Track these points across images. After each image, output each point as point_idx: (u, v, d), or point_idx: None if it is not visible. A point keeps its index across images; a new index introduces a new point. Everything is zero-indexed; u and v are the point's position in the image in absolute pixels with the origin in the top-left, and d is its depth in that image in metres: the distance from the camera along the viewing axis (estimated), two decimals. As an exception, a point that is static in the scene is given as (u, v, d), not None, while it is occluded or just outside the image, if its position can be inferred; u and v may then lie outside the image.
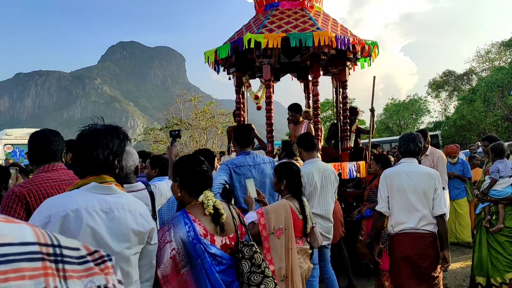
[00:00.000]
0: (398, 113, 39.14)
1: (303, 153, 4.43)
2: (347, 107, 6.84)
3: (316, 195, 4.29)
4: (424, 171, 3.79)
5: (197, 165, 2.28)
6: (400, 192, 3.72)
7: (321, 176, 4.33)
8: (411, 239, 3.66)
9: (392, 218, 3.78)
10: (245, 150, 4.01)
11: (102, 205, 1.72)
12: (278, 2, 6.66)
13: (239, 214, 2.38)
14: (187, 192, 2.28)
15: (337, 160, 6.65)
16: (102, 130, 1.85)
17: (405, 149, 3.83)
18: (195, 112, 31.32)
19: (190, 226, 2.08)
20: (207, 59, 6.75)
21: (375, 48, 6.61)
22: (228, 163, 3.89)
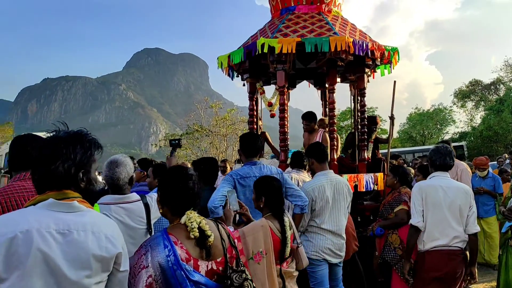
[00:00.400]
0: (422, 123, 38.29)
1: (314, 164, 4.14)
2: (365, 115, 6.52)
3: (328, 210, 4.00)
4: (460, 187, 3.67)
5: (181, 180, 2.00)
6: (436, 207, 3.58)
7: (334, 189, 4.04)
8: (444, 257, 3.54)
9: (424, 233, 3.61)
10: (251, 160, 3.76)
11: (58, 226, 1.49)
12: (294, 6, 6.42)
13: (229, 234, 2.10)
14: (169, 209, 2.02)
15: (353, 171, 6.33)
16: (63, 138, 1.61)
17: (442, 163, 3.69)
18: (215, 119, 31.31)
19: (171, 249, 1.81)
20: (220, 65, 6.55)
21: (395, 54, 6.29)
22: (232, 173, 3.65)
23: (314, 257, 3.98)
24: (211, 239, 1.90)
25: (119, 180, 2.78)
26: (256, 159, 3.80)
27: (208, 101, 34.17)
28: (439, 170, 3.74)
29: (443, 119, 38.60)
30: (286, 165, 6.01)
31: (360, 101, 6.54)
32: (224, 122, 30.66)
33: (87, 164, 1.63)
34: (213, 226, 2.01)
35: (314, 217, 4.01)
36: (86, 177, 1.63)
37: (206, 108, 33.48)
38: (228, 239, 2.06)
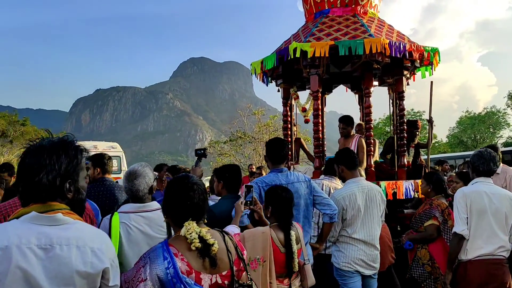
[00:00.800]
0: (473, 127, 36.54)
1: (344, 172, 3.96)
2: (404, 119, 6.25)
3: (359, 219, 3.81)
4: (505, 194, 3.50)
5: (182, 190, 1.91)
6: (480, 214, 3.40)
7: (365, 197, 3.85)
8: (488, 267, 3.38)
9: (468, 242, 3.43)
10: (277, 167, 3.64)
11: (40, 240, 1.42)
12: (328, 9, 6.28)
13: (237, 246, 1.99)
14: (171, 220, 1.94)
15: (392, 177, 6.07)
16: (46, 147, 1.53)
17: (485, 169, 3.51)
18: (258, 126, 31.37)
19: (170, 261, 1.72)
20: (253, 71, 6.51)
21: (435, 55, 5.99)
22: (257, 181, 3.54)
23: (346, 268, 3.81)
24: (215, 247, 1.80)
25: (138, 191, 2.75)
26: (283, 165, 3.68)
27: (251, 108, 34.34)
28: (482, 176, 3.54)
29: (496, 122, 36.62)
30: (320, 172, 5.86)
31: (399, 105, 6.28)
32: (267, 128, 30.66)
33: (73, 173, 1.56)
34: (218, 237, 1.91)
35: (346, 226, 3.83)
36: (73, 187, 1.56)
37: (249, 115, 33.66)
38: (236, 251, 1.96)
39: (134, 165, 3.05)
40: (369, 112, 5.90)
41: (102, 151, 14.38)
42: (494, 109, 37.49)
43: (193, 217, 1.87)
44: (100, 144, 14.85)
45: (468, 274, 3.43)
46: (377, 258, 3.91)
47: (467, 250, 3.45)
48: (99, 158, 4.40)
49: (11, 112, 41.03)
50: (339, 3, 6.21)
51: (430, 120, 6.34)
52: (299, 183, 3.56)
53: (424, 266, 4.12)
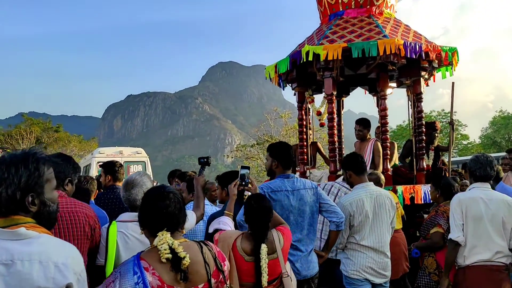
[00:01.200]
0: (507, 127, 35.26)
1: (352, 177, 3.85)
2: (423, 122, 6.08)
3: (368, 225, 3.70)
4: (502, 198, 3.47)
5: (158, 199, 1.86)
6: (476, 220, 3.40)
7: (374, 203, 3.74)
8: (486, 273, 3.37)
9: (465, 248, 3.43)
10: (285, 172, 3.57)
11: (1, 256, 1.40)
12: (343, 11, 6.19)
13: (216, 257, 1.94)
14: (148, 231, 1.88)
15: (411, 181, 5.90)
16: (6, 161, 1.52)
17: (483, 174, 3.49)
18: (285, 129, 31.27)
19: (140, 276, 1.68)
20: (267, 75, 6.47)
21: (454, 55, 5.81)
22: (263, 186, 3.48)
23: (354, 276, 3.70)
24: (186, 261, 1.75)
25: (135, 201, 2.75)
26: (290, 171, 3.61)
27: (278, 111, 34.27)
28: (479, 181, 3.52)
29: (531, 121, 35.26)
30: (336, 176, 5.76)
31: (417, 107, 6.12)
32: (294, 131, 30.54)
33: (35, 186, 1.53)
34: (194, 249, 1.87)
35: (354, 233, 3.73)
36: (38, 200, 1.53)
37: (275, 118, 33.59)
38: (215, 262, 1.91)
39: (132, 175, 3.06)
40: (385, 115, 5.77)
41: (127, 156, 14.71)
42: (530, 108, 36.06)
43: (169, 227, 1.83)
44: (125, 149, 15.10)
45: (467, 279, 3.43)
46: (387, 266, 3.79)
47: (465, 256, 3.44)
48: (110, 166, 4.44)
49: (46, 119, 42.42)
50: (354, 4, 6.11)
51: (451, 122, 6.15)
52: (305, 190, 3.48)
53: (430, 275, 3.98)
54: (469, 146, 37.21)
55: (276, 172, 3.57)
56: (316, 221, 3.54)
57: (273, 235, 2.77)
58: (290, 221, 3.36)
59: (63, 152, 25.72)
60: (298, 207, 3.41)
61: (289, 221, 3.35)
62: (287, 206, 3.36)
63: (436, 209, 4.19)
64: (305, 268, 3.38)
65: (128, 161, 14.43)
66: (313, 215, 3.50)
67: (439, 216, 4.07)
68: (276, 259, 2.71)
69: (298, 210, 3.41)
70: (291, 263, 3.32)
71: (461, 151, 36.67)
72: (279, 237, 2.79)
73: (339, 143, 7.33)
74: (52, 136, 38.13)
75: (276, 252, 2.72)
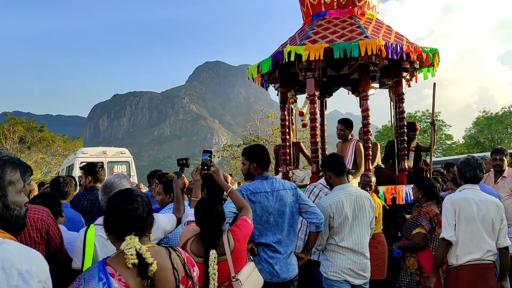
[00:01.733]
0: (490, 127, 35.77)
1: (332, 178, 3.84)
2: (404, 122, 6.10)
3: (347, 227, 3.68)
4: (492, 200, 3.63)
5: (125, 202, 1.80)
6: (469, 220, 3.51)
7: (353, 204, 3.72)
8: (478, 271, 3.49)
9: (458, 247, 3.53)
10: (263, 174, 3.55)
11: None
12: (325, 11, 6.18)
13: (185, 263, 1.89)
14: (114, 236, 1.80)
15: (393, 182, 5.92)
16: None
17: (472, 176, 3.63)
18: (271, 129, 31.27)
19: (106, 282, 1.63)
20: (250, 75, 6.44)
21: (435, 56, 5.84)
22: (242, 189, 3.45)
23: (334, 278, 3.69)
24: (152, 268, 1.69)
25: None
26: (267, 173, 3.59)
27: (264, 111, 34.25)
28: (469, 182, 3.64)
29: (514, 122, 35.79)
30: (318, 177, 5.75)
31: (398, 107, 6.14)
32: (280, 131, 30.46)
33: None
34: (163, 254, 1.82)
35: (333, 234, 3.71)
36: (0, 203, 1.49)
37: (262, 118, 33.58)
38: (184, 268, 1.86)
39: (110, 177, 2.99)
40: (367, 115, 5.78)
41: (111, 157, 14.54)
42: (512, 109, 36.64)
43: (136, 232, 1.77)
44: (109, 149, 14.93)
45: (460, 279, 3.51)
46: (366, 267, 3.78)
47: (457, 256, 3.53)
48: (90, 167, 4.40)
49: (30, 119, 41.73)
50: (336, 5, 6.10)
51: (433, 122, 6.18)
52: (284, 190, 3.46)
53: (412, 275, 3.99)
54: (453, 146, 37.68)
55: (255, 175, 3.54)
56: (296, 222, 3.52)
57: (223, 238, 2.72)
58: (270, 222, 3.33)
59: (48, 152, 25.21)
60: (278, 208, 3.38)
61: (269, 222, 3.33)
62: (266, 207, 3.33)
63: (419, 209, 4.21)
64: (284, 271, 3.35)
65: (112, 161, 14.28)
66: (293, 216, 3.47)
67: (421, 217, 4.09)
68: (225, 262, 2.66)
69: (278, 211, 3.38)
70: (270, 265, 3.29)
71: (445, 151, 37.11)
72: (228, 239, 2.72)
73: (322, 143, 7.33)
74: (36, 136, 37.50)
75: (227, 254, 2.68)
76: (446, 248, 3.54)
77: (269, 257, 3.30)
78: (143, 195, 1.88)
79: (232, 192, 3.17)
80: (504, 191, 5.53)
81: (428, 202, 4.20)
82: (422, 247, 4.01)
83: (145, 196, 1.89)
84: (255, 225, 3.32)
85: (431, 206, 4.16)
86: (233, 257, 2.71)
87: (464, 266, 3.49)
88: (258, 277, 2.97)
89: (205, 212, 2.72)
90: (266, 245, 3.32)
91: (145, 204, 1.85)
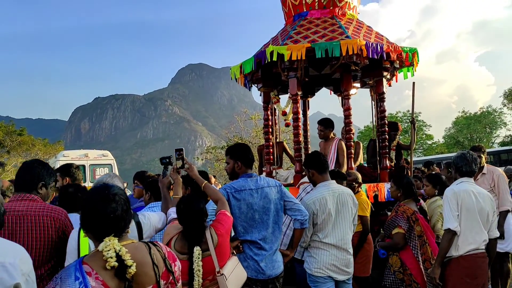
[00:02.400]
0: (469, 127, 36.49)
1: (315, 176, 3.88)
2: (386, 121, 6.19)
3: (330, 223, 3.73)
4: (486, 193, 3.80)
5: (104, 201, 1.74)
6: (470, 212, 3.63)
7: (336, 201, 3.77)
8: (477, 260, 3.63)
9: (459, 238, 3.63)
10: (247, 171, 3.57)
11: None
12: (306, 12, 6.24)
13: (166, 258, 1.87)
14: (92, 235, 1.75)
15: (375, 180, 6.00)
16: None
17: (468, 170, 3.76)
18: (255, 130, 31.31)
19: (82, 281, 1.59)
20: (233, 75, 6.45)
21: (414, 56, 5.95)
22: (226, 187, 3.46)
23: (317, 274, 3.72)
24: (131, 270, 1.67)
25: None
26: (251, 171, 3.61)
27: (248, 113, 34.25)
28: (465, 176, 3.77)
29: (492, 122, 36.57)
30: (301, 176, 5.79)
31: (380, 106, 6.22)
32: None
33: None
34: (143, 250, 1.80)
35: (317, 231, 3.75)
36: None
37: (245, 120, 33.58)
38: (164, 263, 1.85)
39: (102, 177, 2.98)
40: (349, 114, 5.85)
41: (93, 159, 14.38)
42: (490, 109, 37.46)
43: (115, 231, 1.74)
44: (91, 152, 14.77)
45: (461, 269, 3.61)
46: (349, 262, 3.82)
47: (458, 246, 3.62)
48: (65, 168, 4.35)
49: (9, 123, 40.94)
50: (317, 5, 6.17)
51: (413, 121, 6.28)
52: (269, 187, 3.48)
53: (395, 273, 4.04)
54: (433, 146, 38.29)
55: (239, 173, 3.56)
56: (281, 219, 3.54)
57: (206, 234, 2.74)
58: (255, 219, 3.36)
59: (28, 156, 24.86)
60: (262, 205, 3.40)
61: (254, 219, 3.35)
62: (251, 204, 3.36)
63: (396, 209, 4.27)
64: (269, 268, 3.37)
65: (94, 164, 14.12)
66: (278, 213, 3.50)
67: (399, 217, 4.15)
68: (209, 257, 2.69)
69: (262, 208, 3.40)
70: (256, 262, 3.31)
71: (425, 150, 37.67)
72: (211, 235, 2.74)
73: (305, 143, 7.38)
74: (15, 140, 36.83)
75: (211, 250, 2.70)
76: (451, 239, 3.60)
77: (254, 254, 3.32)
78: (120, 192, 1.82)
79: (206, 186, 3.20)
80: (484, 187, 5.65)
81: (406, 200, 4.26)
82: (402, 247, 4.08)
83: (123, 193, 1.84)
84: (240, 222, 3.34)
85: (408, 205, 4.22)
86: (217, 252, 2.73)
87: (465, 256, 3.60)
88: (241, 271, 3.00)
89: (187, 210, 2.74)
90: (251, 242, 3.34)
91: (123, 203, 1.80)
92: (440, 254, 3.68)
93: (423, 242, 4.04)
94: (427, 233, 4.10)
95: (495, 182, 5.65)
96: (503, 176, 5.73)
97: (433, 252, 3.99)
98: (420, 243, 4.03)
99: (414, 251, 4.01)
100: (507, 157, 25.51)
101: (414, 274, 3.95)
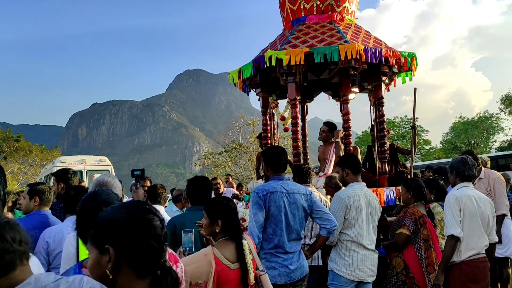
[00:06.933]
0: (466, 132, 36.61)
1: (349, 176, 3.97)
2: (384, 126, 6.18)
3: (361, 221, 3.82)
4: (486, 198, 3.82)
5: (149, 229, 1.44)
6: (472, 217, 3.65)
7: (367, 202, 3.90)
8: (479, 265, 3.64)
9: (462, 243, 3.65)
10: (278, 175, 3.60)
11: None
12: (305, 17, 6.24)
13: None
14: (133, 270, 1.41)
15: (374, 185, 5.98)
16: None
17: (471, 174, 3.79)
18: (253, 136, 31.31)
19: None
20: (231, 80, 6.45)
21: (413, 60, 5.95)
22: (257, 190, 3.47)
23: (349, 277, 3.75)
24: None
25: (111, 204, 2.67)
26: (283, 174, 3.65)
27: (245, 118, 34.27)
28: (466, 180, 3.78)
29: (489, 127, 36.71)
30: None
31: (378, 111, 6.22)
32: (261, 138, 30.41)
33: None
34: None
35: (347, 228, 3.81)
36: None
37: (243, 125, 33.59)
38: None
39: (103, 176, 2.95)
40: (347, 119, 5.84)
41: (91, 165, 14.33)
42: (487, 114, 37.60)
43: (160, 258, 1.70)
44: (88, 158, 14.73)
45: (464, 274, 3.62)
46: (376, 262, 3.93)
47: (460, 251, 3.63)
48: (61, 173, 4.31)
49: (6, 129, 40.86)
50: (316, 10, 6.17)
51: (414, 126, 6.29)
52: (299, 194, 3.54)
53: (398, 275, 4.03)
54: (431, 151, 38.37)
55: (269, 176, 3.66)
56: (303, 226, 3.60)
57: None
58: (283, 223, 3.40)
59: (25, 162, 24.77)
60: (290, 211, 3.45)
61: (282, 222, 3.40)
62: (280, 207, 3.40)
63: (405, 210, 4.28)
64: (299, 269, 3.43)
65: (91, 170, 14.08)
66: (302, 220, 3.55)
67: (407, 217, 4.15)
68: (254, 259, 2.72)
69: (290, 213, 3.44)
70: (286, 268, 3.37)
71: (423, 156, 37.74)
72: (248, 238, 2.79)
73: (304, 148, 7.36)
74: (12, 146, 36.75)
75: (252, 252, 2.74)
76: (455, 245, 3.59)
77: (283, 260, 3.37)
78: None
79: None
80: (481, 191, 5.65)
81: (416, 203, 4.27)
82: (401, 247, 4.07)
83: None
84: (270, 223, 3.38)
85: (418, 207, 4.22)
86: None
87: (467, 262, 3.61)
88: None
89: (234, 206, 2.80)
90: (275, 247, 3.38)
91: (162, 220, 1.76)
92: (444, 261, 3.67)
93: (428, 246, 4.03)
94: (433, 237, 4.10)
95: (491, 186, 5.66)
96: (500, 179, 5.73)
97: (437, 257, 3.98)
98: (425, 247, 4.02)
99: (418, 253, 4.00)
100: (504, 162, 25.59)
101: (417, 278, 3.94)
